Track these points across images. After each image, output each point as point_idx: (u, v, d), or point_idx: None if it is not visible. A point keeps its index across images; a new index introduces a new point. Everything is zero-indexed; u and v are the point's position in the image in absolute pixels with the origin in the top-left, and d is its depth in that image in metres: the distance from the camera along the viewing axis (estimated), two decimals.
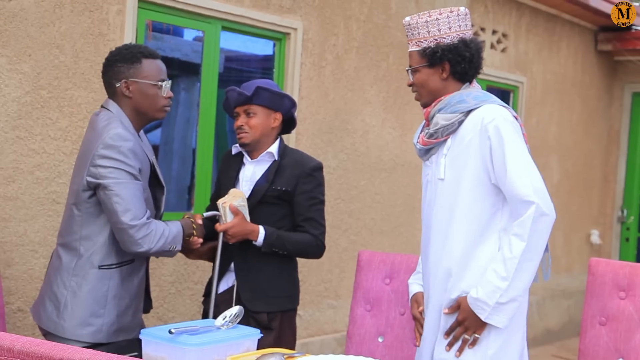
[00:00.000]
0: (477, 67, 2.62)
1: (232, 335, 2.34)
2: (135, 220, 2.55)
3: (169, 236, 2.65)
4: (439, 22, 2.54)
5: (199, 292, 4.15)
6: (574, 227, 7.28)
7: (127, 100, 2.68)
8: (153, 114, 2.72)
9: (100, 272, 2.63)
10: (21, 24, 3.30)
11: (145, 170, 2.67)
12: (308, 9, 4.57)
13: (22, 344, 1.42)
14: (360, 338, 3.14)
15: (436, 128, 2.57)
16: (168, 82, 2.72)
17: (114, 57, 2.70)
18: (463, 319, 2.50)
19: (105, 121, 2.63)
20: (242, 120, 3.11)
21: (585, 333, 2.93)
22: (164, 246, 2.64)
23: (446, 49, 2.54)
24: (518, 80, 6.38)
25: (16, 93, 3.31)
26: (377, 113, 5.09)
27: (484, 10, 5.98)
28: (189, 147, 5.69)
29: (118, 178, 2.54)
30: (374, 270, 3.18)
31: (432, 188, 2.64)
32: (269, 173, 3.11)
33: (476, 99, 2.56)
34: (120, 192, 2.54)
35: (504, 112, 2.52)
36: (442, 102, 2.59)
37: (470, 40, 2.58)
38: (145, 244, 2.59)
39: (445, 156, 2.58)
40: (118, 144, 2.54)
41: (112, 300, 2.64)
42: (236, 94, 3.10)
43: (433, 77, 2.60)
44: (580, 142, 7.30)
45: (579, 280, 7.34)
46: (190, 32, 5.21)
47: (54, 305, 2.63)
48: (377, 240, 5.15)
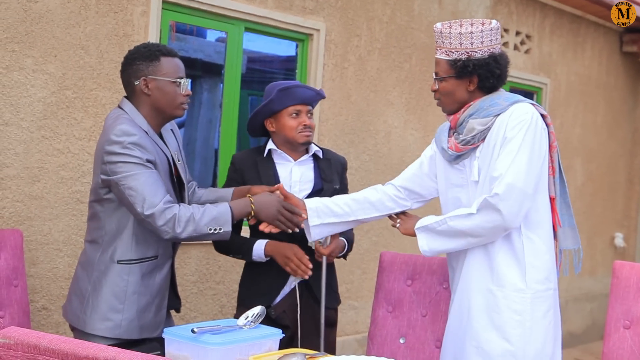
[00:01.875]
0: (504, 81, 2.64)
1: (255, 335, 2.34)
2: (150, 208, 2.53)
3: (202, 218, 2.60)
4: (472, 35, 2.53)
5: (221, 292, 4.17)
6: (597, 230, 7.21)
7: (146, 98, 2.68)
8: (171, 112, 2.72)
9: (119, 267, 2.64)
10: (47, 25, 3.33)
11: (160, 165, 2.67)
12: (331, 10, 4.58)
13: (48, 342, 1.43)
14: (382, 339, 3.14)
15: (473, 134, 2.57)
16: (187, 80, 2.72)
17: (132, 56, 2.70)
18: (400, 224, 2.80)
19: (112, 119, 2.64)
20: (308, 119, 3.04)
21: (609, 336, 2.90)
22: (197, 230, 2.60)
23: (477, 64, 2.55)
24: (542, 81, 6.34)
25: (42, 93, 3.34)
26: (399, 114, 5.08)
27: (508, 12, 5.94)
28: (211, 148, 5.72)
29: (126, 171, 2.54)
30: (396, 271, 3.17)
31: (467, 191, 2.65)
32: (322, 173, 3.10)
33: (507, 100, 2.58)
34: (131, 184, 2.54)
35: (533, 110, 2.54)
36: (473, 108, 2.59)
37: (500, 55, 2.59)
38: (170, 230, 2.57)
39: (478, 158, 2.60)
40: (121, 139, 2.55)
41: (131, 296, 2.65)
42: (314, 92, 3.05)
43: (459, 87, 2.60)
44: (605, 144, 7.23)
45: (602, 284, 7.28)
46: (213, 33, 5.23)
47: (79, 300, 2.67)
48: (398, 242, 5.14)
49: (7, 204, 3.27)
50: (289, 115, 3.02)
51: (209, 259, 4.10)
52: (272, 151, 3.09)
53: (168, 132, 2.83)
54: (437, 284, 3.09)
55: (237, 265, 4.19)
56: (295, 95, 3.01)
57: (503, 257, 2.57)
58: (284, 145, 3.07)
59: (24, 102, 3.29)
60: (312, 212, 2.84)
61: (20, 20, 3.25)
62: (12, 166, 3.28)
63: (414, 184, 2.88)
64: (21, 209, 3.31)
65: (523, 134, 2.49)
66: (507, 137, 2.50)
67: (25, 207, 3.33)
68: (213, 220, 2.63)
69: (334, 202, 2.87)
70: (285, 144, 3.06)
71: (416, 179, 2.88)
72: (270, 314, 2.97)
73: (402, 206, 2.90)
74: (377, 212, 2.89)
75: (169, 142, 2.80)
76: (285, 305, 3.02)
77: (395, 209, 2.90)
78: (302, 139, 3.02)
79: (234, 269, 4.20)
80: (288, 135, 3.03)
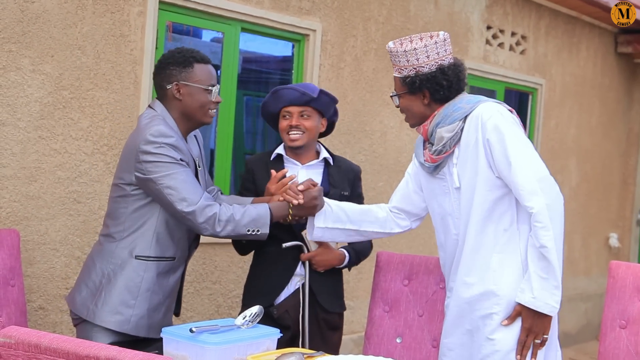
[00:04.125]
0: (459, 89, 2.66)
1: (253, 334, 2.35)
2: (191, 206, 2.58)
3: (242, 219, 2.65)
4: (417, 51, 2.57)
5: (217, 291, 4.17)
6: (592, 230, 7.24)
7: (176, 103, 2.72)
8: (201, 118, 2.75)
9: (136, 262, 2.66)
10: (44, 26, 3.33)
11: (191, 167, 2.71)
12: (327, 10, 4.59)
13: (49, 341, 1.44)
14: (379, 339, 3.15)
15: (443, 142, 2.60)
16: (217, 87, 2.76)
17: (166, 60, 2.74)
18: (530, 325, 2.50)
19: (147, 119, 2.69)
20: (297, 120, 3.03)
21: (605, 336, 2.92)
22: (236, 230, 2.66)
23: (424, 79, 2.59)
24: (537, 82, 6.36)
25: (39, 93, 3.34)
26: (395, 115, 5.09)
27: (503, 12, 5.96)
28: (206, 148, 5.72)
29: (164, 170, 2.59)
30: (393, 271, 3.18)
31: (451, 198, 2.66)
32: (330, 178, 3.10)
33: (469, 102, 2.61)
34: (170, 184, 2.58)
35: (500, 107, 2.58)
36: (438, 116, 2.63)
37: (449, 67, 2.61)
38: (209, 227, 2.63)
39: (456, 165, 2.62)
40: (159, 140, 2.59)
41: (144, 293, 2.66)
42: (298, 93, 3.03)
43: (415, 102, 2.66)
44: (599, 144, 7.26)
45: (597, 284, 7.30)
46: (208, 33, 5.24)
47: (90, 291, 2.67)
48: (394, 242, 5.15)
49: (4, 204, 3.27)
50: (283, 117, 3.08)
51: (205, 258, 4.10)
52: (281, 156, 3.12)
53: (191, 138, 2.87)
54: (434, 284, 3.10)
55: (234, 265, 4.19)
56: (282, 97, 3.06)
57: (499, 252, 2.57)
58: (289, 148, 3.10)
59: (20, 102, 3.29)
60: (319, 215, 2.87)
61: (17, 21, 3.25)
62: (8, 166, 3.28)
63: (405, 204, 2.93)
64: (18, 209, 3.31)
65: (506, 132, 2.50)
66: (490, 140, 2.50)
67: (22, 207, 3.32)
68: (252, 222, 2.69)
69: (342, 209, 2.90)
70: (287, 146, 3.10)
71: (406, 198, 2.92)
72: (272, 313, 2.98)
73: (402, 227, 2.95)
74: (380, 229, 2.93)
75: (192, 149, 2.83)
76: (288, 305, 3.02)
77: (396, 230, 2.95)
78: (289, 142, 3.05)
79: (230, 269, 4.20)
80: (282, 137, 3.10)
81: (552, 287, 2.46)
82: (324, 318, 3.08)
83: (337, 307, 3.14)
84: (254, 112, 5.78)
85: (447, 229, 2.70)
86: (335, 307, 3.13)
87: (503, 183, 2.54)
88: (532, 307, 2.47)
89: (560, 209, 2.48)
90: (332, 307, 3.09)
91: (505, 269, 2.55)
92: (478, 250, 2.58)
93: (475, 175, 2.56)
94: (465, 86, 2.68)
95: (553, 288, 2.46)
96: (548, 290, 2.45)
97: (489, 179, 2.55)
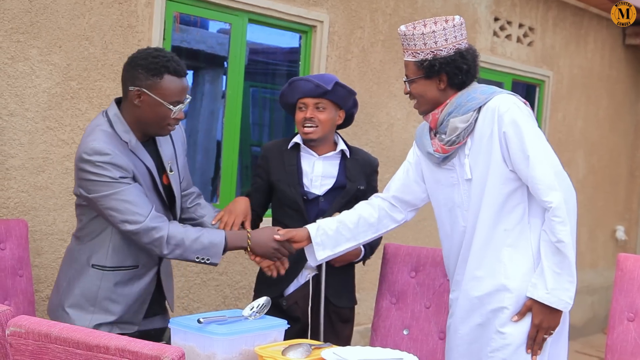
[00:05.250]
0: (474, 76, 2.62)
1: (260, 325, 2.36)
2: (134, 226, 2.45)
3: (193, 245, 2.52)
4: (435, 34, 2.52)
5: (224, 282, 4.18)
6: (599, 223, 7.22)
7: (133, 108, 2.54)
8: (155, 131, 2.57)
9: (92, 271, 2.56)
10: (52, 16, 3.33)
11: (140, 178, 2.54)
12: (334, 1, 4.57)
13: (59, 330, 1.44)
14: (386, 331, 3.15)
15: (457, 133, 2.55)
16: (183, 104, 2.55)
17: (137, 61, 2.53)
18: (540, 320, 2.48)
19: (88, 131, 2.52)
20: (312, 112, 2.99)
21: (613, 329, 2.91)
22: (184, 255, 2.54)
23: (444, 62, 2.54)
24: (544, 74, 6.34)
25: (47, 84, 3.34)
26: (402, 106, 5.08)
27: (511, 4, 5.94)
28: (213, 139, 5.73)
29: (103, 190, 2.44)
30: (400, 263, 3.19)
31: (461, 190, 2.62)
32: (346, 171, 3.07)
33: (484, 93, 2.57)
34: (110, 205, 2.44)
35: (516, 100, 2.54)
36: (450, 105, 2.58)
37: (467, 50, 2.58)
38: (155, 249, 2.50)
39: (468, 156, 2.58)
40: (93, 159, 2.43)
41: (102, 301, 2.56)
42: (313, 85, 2.98)
43: (430, 87, 2.60)
44: (606, 137, 7.23)
45: (603, 277, 7.29)
46: (215, 24, 5.24)
47: (56, 294, 2.63)
48: (400, 233, 5.15)
49: (12, 194, 3.28)
50: (299, 108, 3.03)
51: None
52: (299, 145, 3.07)
53: (165, 138, 2.70)
54: (441, 276, 3.10)
55: (240, 256, 4.20)
56: (297, 88, 3.01)
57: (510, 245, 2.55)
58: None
59: (28, 92, 3.29)
60: (318, 246, 2.81)
61: (25, 11, 3.25)
62: (17, 157, 3.28)
63: (404, 193, 2.85)
64: (26, 199, 3.32)
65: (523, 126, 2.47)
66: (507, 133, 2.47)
67: (30, 197, 3.33)
68: (203, 250, 2.55)
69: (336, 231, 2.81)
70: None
71: (406, 188, 2.84)
72: (282, 304, 2.98)
73: (397, 221, 2.87)
74: (376, 232, 2.87)
75: (163, 149, 2.67)
76: (297, 296, 3.02)
77: (392, 226, 2.87)
78: (303, 134, 3.01)
79: (237, 260, 4.21)
80: (298, 129, 3.05)
81: (566, 282, 2.45)
82: (335, 311, 3.07)
83: (347, 301, 3.13)
84: (260, 104, 5.79)
85: (455, 220, 2.66)
86: (345, 302, 3.11)
87: (516, 176, 2.51)
88: (546, 303, 2.45)
89: (574, 203, 2.47)
90: (340, 302, 3.08)
91: (516, 262, 2.52)
92: (489, 244, 2.55)
93: (488, 168, 2.53)
94: (478, 73, 2.64)
95: (567, 283, 2.45)
96: (562, 285, 2.44)
97: (502, 172, 2.52)
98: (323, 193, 3.02)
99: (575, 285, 2.47)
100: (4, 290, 2.94)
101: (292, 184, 3.00)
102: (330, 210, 3.00)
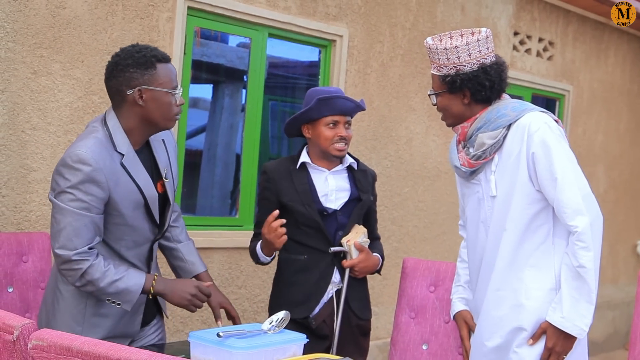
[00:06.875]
0: (500, 90, 2.55)
1: (279, 339, 2.35)
2: (62, 249, 2.37)
3: (107, 288, 2.41)
4: (457, 49, 2.46)
5: (243, 296, 4.18)
6: (620, 238, 7.16)
7: (137, 110, 2.46)
8: (164, 124, 2.52)
9: (75, 290, 2.50)
10: (75, 31, 3.37)
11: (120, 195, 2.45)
12: (354, 16, 4.59)
13: (81, 344, 1.45)
14: (405, 345, 3.14)
15: (484, 149, 2.50)
16: (180, 89, 2.52)
17: (125, 62, 2.45)
18: (553, 344, 2.44)
19: (83, 135, 2.46)
20: (345, 130, 2.98)
21: (634, 345, 2.89)
22: (95, 293, 2.45)
23: (465, 78, 2.48)
24: (564, 88, 6.31)
25: (69, 98, 3.38)
26: (421, 120, 5.08)
27: (531, 18, 5.93)
28: (232, 153, 5.75)
29: (64, 201, 2.36)
30: (419, 277, 3.18)
31: (485, 206, 2.58)
32: (358, 183, 3.06)
33: (515, 110, 2.50)
34: (57, 216, 2.38)
35: (547, 119, 2.48)
36: (480, 120, 2.53)
37: (491, 66, 2.51)
38: (67, 277, 2.42)
39: (494, 172, 2.53)
40: (76, 166, 2.35)
41: (90, 319, 2.51)
42: (353, 104, 2.97)
43: (454, 102, 2.55)
44: (627, 151, 7.18)
45: (624, 292, 7.22)
46: (234, 38, 5.26)
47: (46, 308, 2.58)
48: (419, 248, 5.14)
49: (34, 208, 3.31)
50: (326, 125, 2.96)
51: (232, 263, 4.12)
52: (306, 164, 3.03)
53: (159, 143, 2.64)
54: None
55: (259, 270, 4.20)
56: (334, 106, 2.96)
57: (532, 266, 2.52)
58: (318, 155, 3.02)
59: (51, 106, 3.33)
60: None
61: (49, 26, 3.29)
62: (39, 170, 3.32)
63: None
64: (48, 213, 3.35)
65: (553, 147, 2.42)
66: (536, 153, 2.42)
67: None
68: (116, 295, 2.45)
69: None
70: (319, 153, 3.01)
71: None
72: (311, 324, 2.94)
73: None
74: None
75: (159, 156, 2.62)
76: (324, 314, 2.98)
77: None
78: (335, 152, 2.97)
79: (255, 274, 4.22)
80: (322, 145, 2.97)
81: (583, 308, 2.40)
82: (357, 324, 3.06)
83: (368, 313, 3.13)
84: (279, 117, 5.80)
85: (478, 235, 2.63)
86: (367, 313, 3.11)
87: (542, 197, 2.47)
88: (560, 327, 2.41)
89: (600, 228, 2.43)
90: (363, 314, 3.07)
91: (538, 283, 2.48)
92: (512, 263, 2.51)
93: (514, 187, 2.48)
94: (506, 86, 2.58)
95: (584, 310, 2.40)
96: (578, 311, 2.40)
97: (529, 192, 2.47)
98: (340, 207, 3.01)
99: (593, 313, 2.42)
100: (26, 303, 2.96)
101: (307, 202, 2.96)
102: (350, 224, 3.00)
